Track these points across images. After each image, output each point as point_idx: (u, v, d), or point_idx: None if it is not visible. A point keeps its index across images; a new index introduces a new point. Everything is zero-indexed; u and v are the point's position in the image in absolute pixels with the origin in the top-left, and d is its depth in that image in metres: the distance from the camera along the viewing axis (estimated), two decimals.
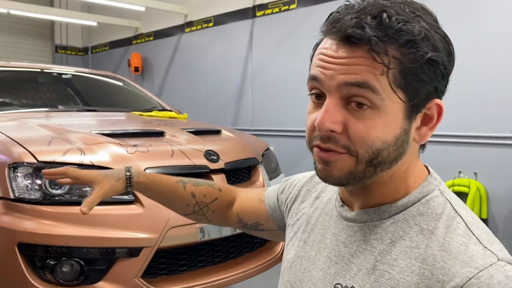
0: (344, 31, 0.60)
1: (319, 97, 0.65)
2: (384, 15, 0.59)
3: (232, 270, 2.21)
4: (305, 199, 0.86)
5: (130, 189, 0.97)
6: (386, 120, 0.61)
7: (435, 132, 2.52)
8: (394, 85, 0.60)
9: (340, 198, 0.75)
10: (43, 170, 0.98)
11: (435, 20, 0.64)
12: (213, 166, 2.23)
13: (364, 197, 0.69)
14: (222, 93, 5.36)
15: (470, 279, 0.56)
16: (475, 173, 3.38)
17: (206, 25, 5.60)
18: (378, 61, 0.59)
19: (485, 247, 0.59)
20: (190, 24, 5.82)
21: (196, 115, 4.99)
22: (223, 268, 2.21)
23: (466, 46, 3.29)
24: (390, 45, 0.59)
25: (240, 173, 2.44)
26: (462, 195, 3.34)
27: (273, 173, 2.75)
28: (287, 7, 4.67)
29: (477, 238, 0.60)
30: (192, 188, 1.01)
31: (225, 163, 2.30)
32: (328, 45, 0.64)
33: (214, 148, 2.34)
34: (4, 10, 5.80)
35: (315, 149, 0.66)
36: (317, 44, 0.69)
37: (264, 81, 4.87)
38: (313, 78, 0.65)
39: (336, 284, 0.68)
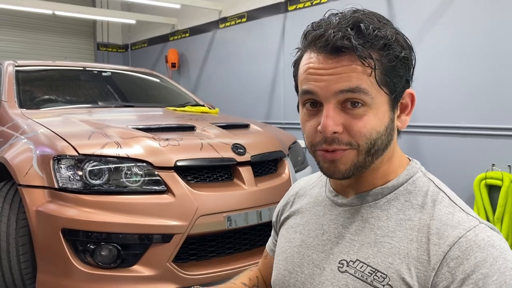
0: (333, 44, 0.69)
1: (314, 105, 0.74)
2: (362, 25, 0.69)
3: (259, 257, 2.30)
4: (294, 204, 0.96)
5: None
6: (377, 113, 0.71)
7: (468, 125, 2.57)
8: (379, 83, 0.70)
9: (333, 189, 0.84)
10: None
11: (392, 25, 0.75)
12: (239, 158, 2.33)
13: (358, 184, 0.78)
14: (255, 87, 5.45)
15: (460, 238, 0.66)
16: (509, 166, 3.31)
17: (239, 20, 5.69)
18: (366, 64, 0.69)
19: (468, 214, 0.71)
20: (224, 20, 5.93)
21: (230, 109, 5.11)
22: (250, 255, 2.32)
23: (501, 38, 3.23)
24: (371, 50, 0.69)
25: (266, 165, 2.53)
26: (495, 189, 3.29)
27: (300, 166, 2.82)
28: (318, 0, 4.69)
29: (460, 207, 0.72)
30: (239, 280, 1.06)
31: (252, 156, 2.39)
32: (315, 59, 0.72)
33: (241, 142, 2.44)
34: (50, 11, 6.09)
35: (321, 152, 0.74)
36: (296, 61, 0.79)
37: None
38: (307, 92, 0.73)
39: (341, 260, 0.76)
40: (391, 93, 0.72)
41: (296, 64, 0.79)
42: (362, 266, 0.72)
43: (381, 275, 0.70)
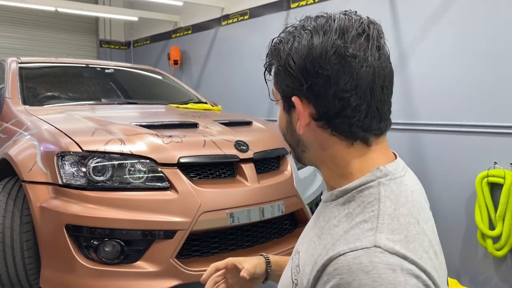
0: None
1: None
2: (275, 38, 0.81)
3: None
4: None
5: (269, 269, 1.06)
6: (280, 112, 0.83)
7: (470, 122, 2.57)
8: (274, 87, 0.82)
9: None
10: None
11: (306, 31, 0.75)
12: (242, 156, 2.34)
13: (326, 183, 0.82)
14: (257, 85, 5.43)
15: (340, 255, 0.63)
16: (511, 164, 3.31)
17: (242, 17, 5.68)
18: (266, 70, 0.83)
19: (375, 234, 0.64)
20: (226, 17, 5.92)
21: (232, 107, 5.11)
22: (252, 252, 2.32)
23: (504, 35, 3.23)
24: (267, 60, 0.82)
25: (269, 162, 2.54)
26: (497, 187, 3.29)
27: None
28: None
29: (377, 226, 0.65)
30: None
31: (254, 153, 2.40)
32: None
33: (244, 139, 2.45)
34: (52, 8, 6.09)
35: None
36: None
37: None
38: None
39: (297, 249, 0.82)
40: (280, 97, 0.80)
41: None
42: (298, 258, 0.77)
43: (297, 270, 0.75)
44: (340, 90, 0.70)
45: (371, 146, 0.75)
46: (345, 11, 0.77)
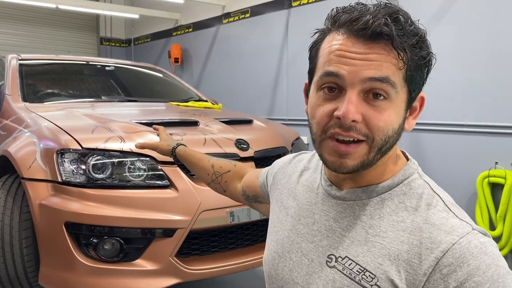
0: (373, 29, 0.65)
1: (332, 90, 0.70)
2: (400, 17, 0.67)
3: (261, 252, 2.32)
4: (287, 174, 0.95)
5: (173, 155, 1.37)
6: (395, 110, 0.69)
7: (471, 122, 2.58)
8: (404, 79, 0.69)
9: (328, 178, 0.81)
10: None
11: None
12: (243, 154, 2.33)
13: (355, 179, 0.76)
14: (258, 83, 5.44)
15: (454, 244, 0.65)
16: None
17: (243, 16, 5.67)
18: (400, 57, 0.67)
19: (461, 220, 0.69)
20: (227, 15, 5.91)
21: (233, 105, 5.11)
22: (252, 250, 2.32)
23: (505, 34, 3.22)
24: (406, 44, 0.67)
25: (269, 161, 2.53)
26: (498, 187, 3.29)
27: None
28: None
29: (453, 213, 0.70)
30: (212, 161, 1.25)
31: (255, 151, 2.39)
32: (345, 41, 0.68)
33: (245, 137, 2.44)
34: (53, 5, 6.09)
35: (332, 142, 0.70)
36: (316, 42, 0.75)
37: (299, 71, 4.91)
38: (330, 74, 0.69)
39: (330, 255, 0.75)
40: (410, 93, 0.71)
41: (316, 45, 0.75)
42: (351, 263, 0.71)
43: (369, 275, 0.69)
44: None
45: None
46: None
